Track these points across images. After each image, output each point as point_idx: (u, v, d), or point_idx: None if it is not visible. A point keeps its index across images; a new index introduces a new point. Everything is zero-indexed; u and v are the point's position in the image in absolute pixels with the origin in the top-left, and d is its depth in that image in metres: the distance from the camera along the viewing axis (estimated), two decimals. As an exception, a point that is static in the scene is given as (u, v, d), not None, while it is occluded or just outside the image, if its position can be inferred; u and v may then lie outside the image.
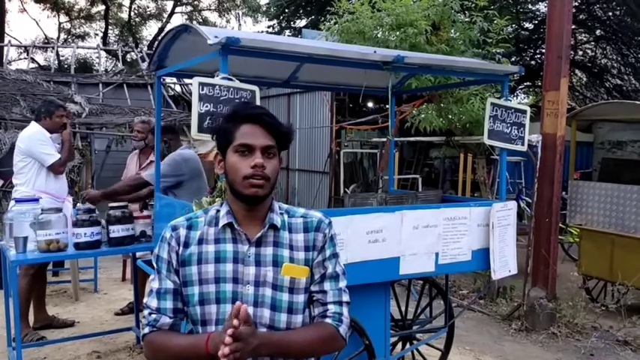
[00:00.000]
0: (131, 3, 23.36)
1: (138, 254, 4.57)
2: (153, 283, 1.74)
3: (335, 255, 1.79)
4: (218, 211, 1.74)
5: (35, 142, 4.75)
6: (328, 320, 1.72)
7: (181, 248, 1.71)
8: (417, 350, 4.18)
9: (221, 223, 1.70)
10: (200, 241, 1.71)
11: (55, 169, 4.79)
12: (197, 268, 1.68)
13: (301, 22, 18.29)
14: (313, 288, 1.74)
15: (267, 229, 1.70)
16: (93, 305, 5.88)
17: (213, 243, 1.70)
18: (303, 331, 1.71)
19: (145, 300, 1.75)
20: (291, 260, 1.71)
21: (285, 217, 1.77)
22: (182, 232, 1.73)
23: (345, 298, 1.78)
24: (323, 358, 1.94)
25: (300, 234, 1.75)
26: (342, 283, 1.79)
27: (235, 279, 1.67)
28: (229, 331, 1.46)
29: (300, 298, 1.71)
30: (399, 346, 4.16)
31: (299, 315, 1.71)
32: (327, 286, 1.75)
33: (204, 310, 1.67)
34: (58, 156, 4.78)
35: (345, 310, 1.76)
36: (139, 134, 5.27)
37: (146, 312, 1.72)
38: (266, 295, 1.67)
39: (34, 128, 4.83)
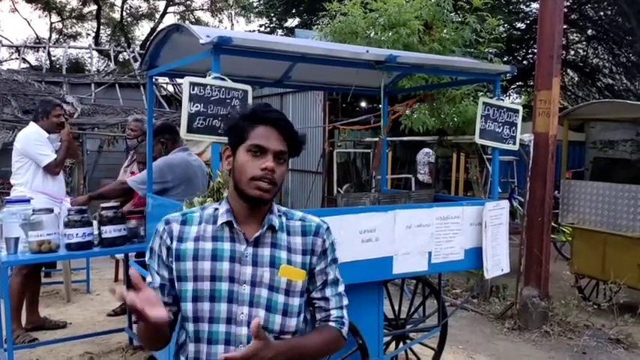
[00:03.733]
0: (123, 3, 23.29)
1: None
2: (147, 277, 1.75)
3: (335, 260, 1.82)
4: (216, 209, 1.74)
5: (31, 142, 4.74)
6: (332, 324, 1.78)
7: (175, 242, 1.70)
8: (411, 349, 4.19)
9: (219, 221, 1.70)
10: (197, 238, 1.70)
11: (50, 169, 4.76)
12: (192, 264, 1.67)
13: (293, 22, 18.30)
14: (315, 295, 1.77)
15: (265, 230, 1.70)
16: (85, 306, 5.85)
17: (211, 240, 1.69)
18: (313, 336, 1.76)
19: None
20: (289, 262, 1.71)
21: (284, 219, 1.77)
22: (175, 226, 1.72)
23: (345, 301, 1.82)
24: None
25: (298, 237, 1.75)
26: (341, 287, 1.83)
27: (232, 278, 1.66)
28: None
29: (296, 301, 1.71)
30: (393, 345, 4.16)
31: (293, 318, 1.71)
32: (328, 292, 1.78)
33: (197, 307, 1.66)
34: (54, 156, 4.76)
35: (345, 312, 1.82)
36: (132, 132, 5.25)
37: None
38: (262, 295, 1.67)
39: (31, 128, 4.83)
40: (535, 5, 14.42)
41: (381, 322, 3.64)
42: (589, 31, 16.35)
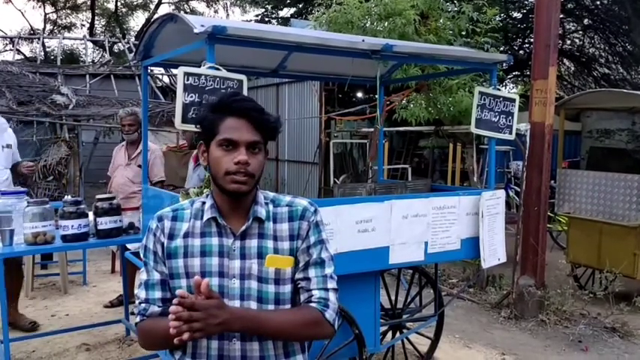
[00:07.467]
0: (117, -7, 23.08)
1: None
2: (142, 275, 1.74)
3: (321, 241, 1.74)
4: (203, 203, 1.72)
5: None
6: (313, 305, 1.68)
7: (166, 240, 1.69)
8: (407, 339, 4.20)
9: (205, 217, 1.68)
10: (186, 234, 1.69)
11: None
12: (183, 262, 1.67)
13: (289, 12, 18.23)
14: (298, 275, 1.71)
15: (251, 222, 1.68)
16: (82, 298, 5.85)
17: (199, 237, 1.68)
18: (285, 311, 1.68)
19: (135, 291, 1.74)
20: (276, 251, 1.68)
21: (270, 207, 1.73)
22: (167, 223, 1.71)
23: (332, 284, 1.73)
24: (312, 350, 1.93)
25: (284, 224, 1.72)
26: (329, 270, 1.74)
27: (221, 273, 1.65)
28: (175, 300, 1.43)
29: (287, 289, 1.69)
30: (389, 335, 4.17)
31: (286, 305, 1.70)
32: (311, 273, 1.71)
33: None
34: None
35: (331, 295, 1.71)
36: (131, 127, 5.22)
37: (137, 302, 1.72)
38: (252, 288, 1.66)
39: None
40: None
41: (377, 312, 3.64)
42: (585, 21, 16.31)
